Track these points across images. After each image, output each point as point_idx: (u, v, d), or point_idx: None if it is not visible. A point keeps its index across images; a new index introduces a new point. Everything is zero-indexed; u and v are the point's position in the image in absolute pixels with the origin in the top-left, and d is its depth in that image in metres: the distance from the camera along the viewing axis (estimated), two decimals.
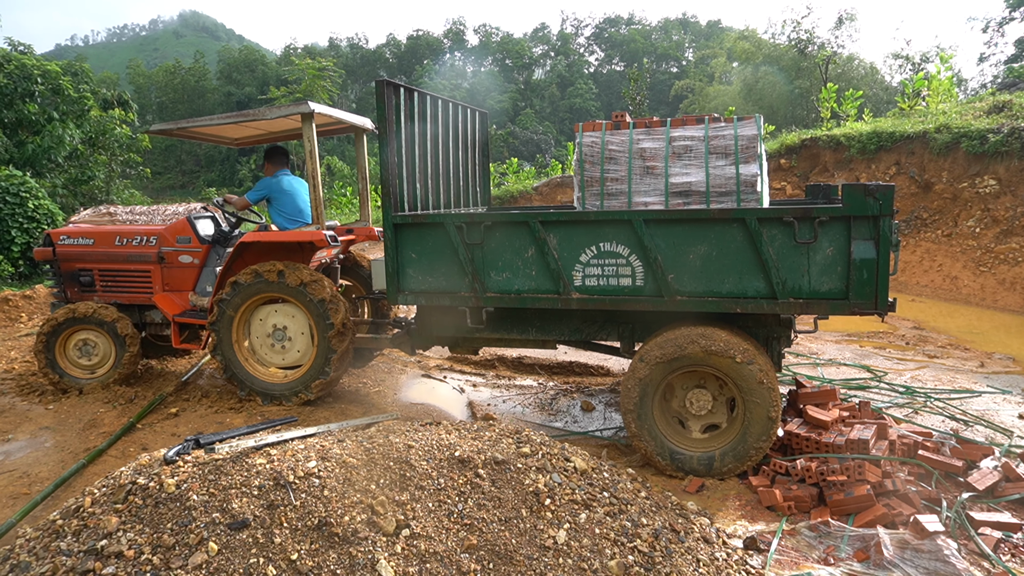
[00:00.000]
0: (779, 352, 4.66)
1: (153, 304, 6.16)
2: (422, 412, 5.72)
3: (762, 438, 4.21)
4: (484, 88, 66.64)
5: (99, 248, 6.26)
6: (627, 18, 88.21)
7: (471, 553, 2.86)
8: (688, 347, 4.28)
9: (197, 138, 6.65)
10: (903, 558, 3.30)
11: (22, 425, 5.46)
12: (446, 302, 4.79)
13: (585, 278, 4.43)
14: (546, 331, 4.97)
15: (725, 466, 4.32)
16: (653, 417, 4.45)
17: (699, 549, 3.25)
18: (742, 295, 4.18)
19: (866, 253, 3.91)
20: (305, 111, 5.34)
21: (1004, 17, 34.20)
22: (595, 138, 4.75)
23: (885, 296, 3.95)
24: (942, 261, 11.90)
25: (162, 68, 69.50)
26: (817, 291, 4.07)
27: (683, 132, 4.64)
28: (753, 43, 36.21)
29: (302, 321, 5.58)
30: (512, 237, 4.53)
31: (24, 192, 12.30)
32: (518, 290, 4.59)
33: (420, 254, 4.76)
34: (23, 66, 15.60)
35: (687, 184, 4.57)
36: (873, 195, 3.81)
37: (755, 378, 4.16)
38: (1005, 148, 11.46)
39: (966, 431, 5.08)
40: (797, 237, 4.00)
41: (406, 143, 4.89)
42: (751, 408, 4.21)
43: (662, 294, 4.29)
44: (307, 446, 3.35)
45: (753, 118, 4.56)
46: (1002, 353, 7.87)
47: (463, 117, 5.98)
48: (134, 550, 2.72)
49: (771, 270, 4.06)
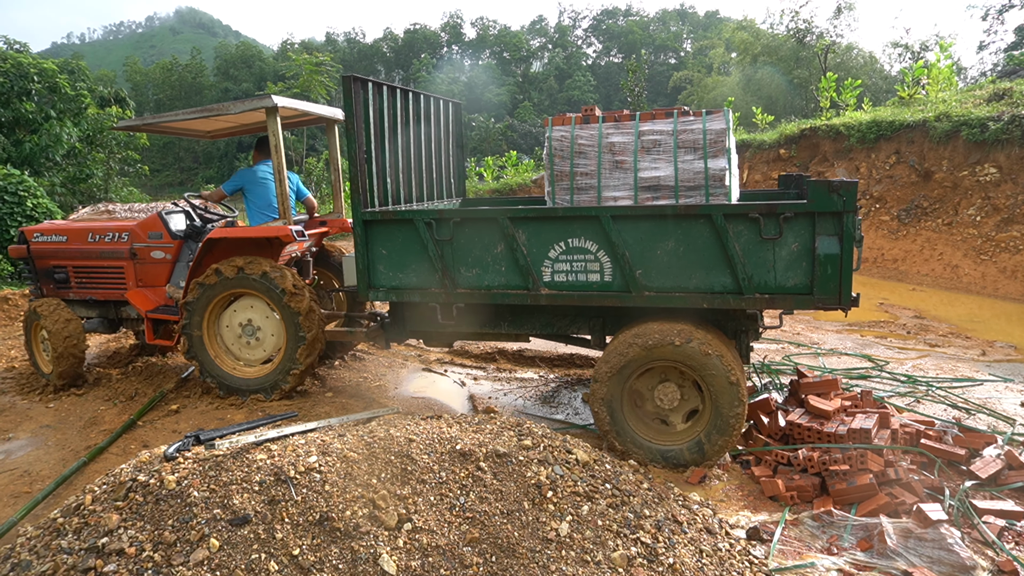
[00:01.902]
0: (747, 344, 4.70)
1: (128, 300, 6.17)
2: (423, 406, 5.71)
3: (734, 405, 4.21)
4: (482, 81, 66.43)
5: (72, 245, 6.28)
6: (625, 9, 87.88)
7: (473, 546, 2.85)
8: (629, 351, 4.33)
9: (167, 132, 6.62)
10: (906, 547, 3.29)
11: (23, 424, 5.46)
12: (416, 298, 4.80)
13: (554, 274, 4.45)
14: (518, 325, 4.99)
15: (714, 445, 4.30)
16: (631, 428, 4.48)
17: (702, 540, 3.24)
18: (709, 290, 4.21)
19: (830, 249, 3.94)
20: (268, 105, 5.31)
21: (1004, 5, 34.03)
22: (564, 132, 4.76)
23: (849, 291, 4.00)
24: (943, 250, 11.87)
25: (159, 65, 69.28)
26: (783, 286, 4.09)
27: (652, 126, 4.64)
28: (751, 33, 36.06)
29: (269, 314, 5.59)
30: (482, 233, 4.52)
31: (22, 191, 12.26)
32: (488, 286, 4.60)
33: (390, 250, 4.76)
34: (19, 64, 15.51)
35: (656, 178, 4.60)
36: (837, 191, 3.84)
37: (700, 352, 4.19)
38: (1005, 136, 11.42)
39: (968, 419, 5.07)
40: (762, 233, 4.02)
41: (375, 138, 4.88)
42: (711, 381, 4.23)
43: (630, 290, 4.31)
44: (308, 441, 3.34)
45: (722, 112, 4.57)
46: (1003, 341, 7.86)
47: (435, 109, 5.95)
48: (135, 547, 2.72)
49: (737, 265, 4.08)
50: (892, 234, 12.97)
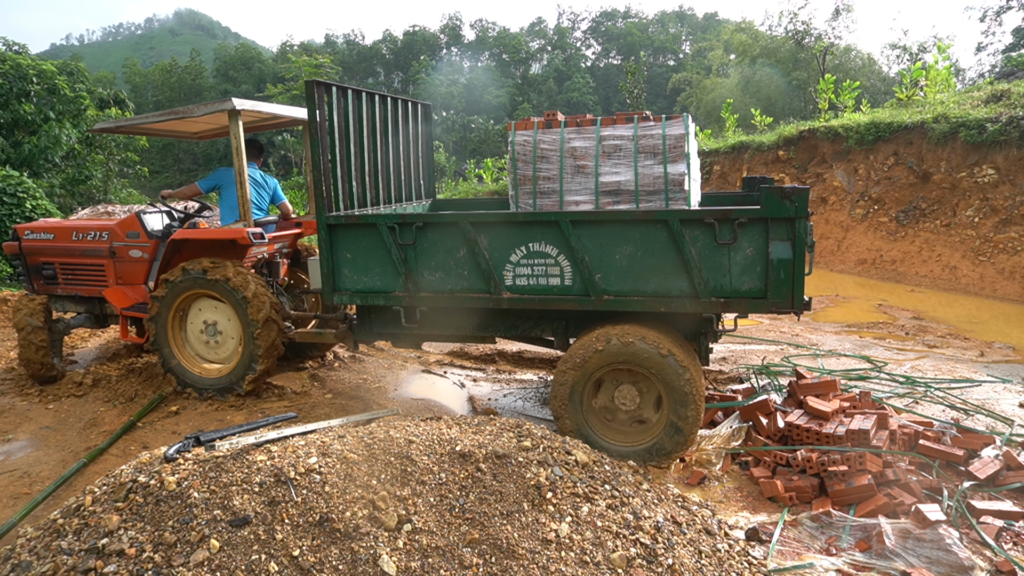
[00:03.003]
0: (706, 346, 4.76)
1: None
2: (423, 407, 5.72)
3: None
4: (481, 83, 66.45)
5: (58, 243, 6.44)
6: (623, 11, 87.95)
7: (473, 547, 2.86)
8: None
9: (149, 133, 6.69)
10: (905, 547, 3.30)
11: (23, 425, 5.46)
12: (381, 302, 4.83)
13: (516, 278, 4.48)
14: (482, 328, 5.03)
15: (687, 422, 4.33)
16: (603, 438, 4.52)
17: (701, 541, 3.25)
18: (667, 294, 4.25)
19: (783, 253, 3.98)
20: (228, 108, 5.36)
21: (1002, 6, 34.14)
22: (527, 137, 4.80)
23: (801, 295, 4.03)
24: (941, 251, 11.89)
25: (158, 67, 69.25)
26: (738, 290, 4.13)
27: (613, 131, 4.70)
28: (750, 35, 36.11)
29: (231, 316, 5.64)
30: (444, 237, 4.55)
31: (21, 192, 12.26)
32: (451, 290, 4.63)
33: (355, 254, 4.79)
34: (19, 66, 15.52)
35: (617, 183, 4.65)
36: (789, 197, 3.88)
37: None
38: (1003, 137, 11.44)
39: (966, 420, 5.08)
40: (718, 238, 4.06)
41: (340, 142, 4.91)
42: (661, 371, 4.28)
43: (589, 293, 4.35)
44: (308, 442, 3.35)
45: (681, 118, 4.63)
46: (1002, 342, 7.87)
47: (403, 111, 5.97)
48: (135, 548, 2.72)
49: (693, 270, 4.13)
50: (890, 235, 12.99)
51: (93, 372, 6.47)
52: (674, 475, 4.44)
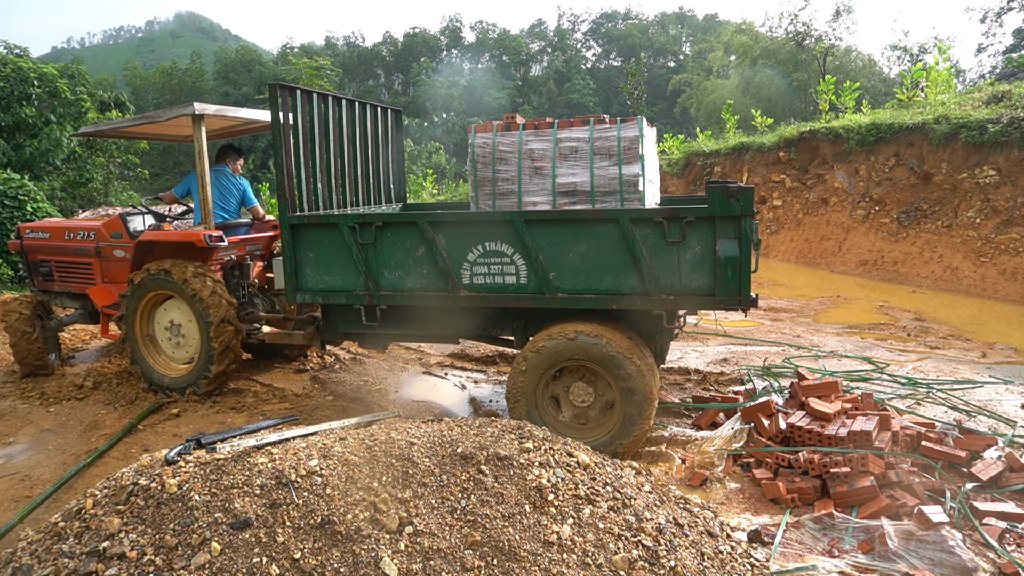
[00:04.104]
0: (661, 345, 4.84)
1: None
2: (424, 409, 5.71)
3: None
4: (481, 85, 66.52)
5: (53, 241, 6.75)
6: (624, 13, 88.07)
7: (475, 549, 2.85)
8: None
9: (138, 137, 6.92)
10: (908, 549, 3.29)
11: (23, 428, 5.46)
12: (342, 301, 4.92)
13: (473, 276, 4.57)
14: (444, 327, 5.09)
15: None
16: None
17: (703, 542, 3.24)
18: (618, 292, 4.34)
19: (730, 251, 4.06)
20: (191, 112, 5.48)
21: (1002, 7, 34.16)
22: (487, 139, 4.91)
23: (748, 292, 4.11)
24: (942, 252, 11.88)
25: (159, 69, 69.37)
26: (687, 287, 4.22)
27: (569, 133, 4.80)
28: (750, 36, 36.12)
29: (192, 317, 5.75)
30: (403, 237, 4.65)
31: (22, 195, 12.26)
32: (410, 288, 4.72)
33: (317, 253, 4.89)
34: (19, 69, 15.52)
35: (573, 184, 4.76)
36: (735, 196, 3.96)
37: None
38: (1004, 138, 11.43)
39: (969, 422, 5.07)
40: (667, 236, 4.15)
41: (304, 144, 4.98)
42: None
43: (543, 291, 4.45)
44: (309, 444, 3.34)
45: (635, 120, 4.73)
46: (1004, 343, 7.86)
47: (372, 116, 6.04)
48: (136, 551, 2.72)
49: (644, 268, 4.21)
50: (892, 236, 12.98)
51: (94, 375, 6.47)
52: (676, 477, 4.43)
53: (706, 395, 5.74)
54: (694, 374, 6.53)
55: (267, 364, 6.93)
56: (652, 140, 5.08)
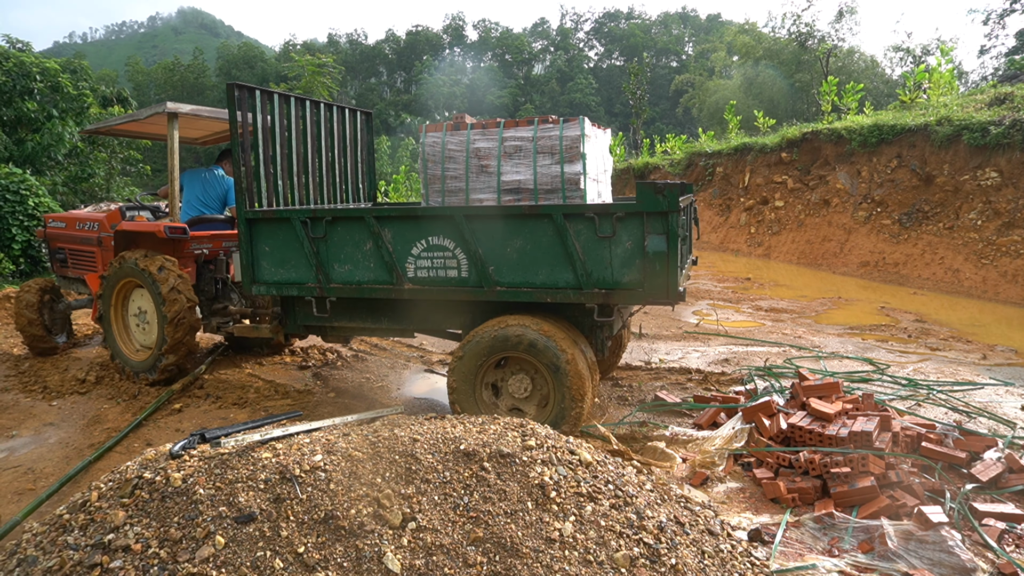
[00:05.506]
0: (602, 339, 4.91)
1: None
2: (426, 406, 5.73)
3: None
4: (484, 83, 66.50)
5: (67, 231, 7.25)
6: (627, 12, 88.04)
7: (477, 545, 2.87)
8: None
9: (138, 136, 7.30)
10: (907, 549, 3.31)
11: (26, 422, 5.47)
12: (295, 293, 5.08)
13: (417, 270, 4.72)
14: (395, 320, 5.23)
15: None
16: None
17: (704, 541, 3.25)
18: (553, 286, 4.47)
19: (658, 246, 4.17)
20: (163, 111, 5.74)
21: (1005, 9, 34.15)
22: (436, 138, 5.06)
23: (676, 286, 4.22)
24: (944, 254, 11.89)
25: (161, 65, 69.41)
26: (618, 282, 4.33)
27: (514, 133, 4.94)
28: (753, 37, 36.14)
29: (154, 307, 5.98)
30: (351, 231, 4.79)
31: (24, 190, 12.28)
32: (359, 281, 4.87)
33: (272, 247, 5.05)
34: (22, 64, 15.53)
35: (517, 182, 4.89)
36: (662, 192, 4.07)
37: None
38: (1006, 140, 11.44)
39: (969, 423, 5.08)
40: (599, 232, 4.25)
41: (264, 143, 5.11)
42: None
43: (483, 285, 4.58)
44: (312, 440, 3.36)
45: (577, 120, 4.83)
46: (1004, 345, 7.87)
47: (340, 118, 6.13)
48: (141, 544, 2.73)
49: (576, 262, 4.32)
50: (893, 238, 12.99)
51: (96, 369, 6.49)
52: (677, 476, 4.44)
53: (707, 395, 5.75)
54: (695, 374, 6.55)
55: (269, 360, 6.95)
56: (602, 141, 5.22)
